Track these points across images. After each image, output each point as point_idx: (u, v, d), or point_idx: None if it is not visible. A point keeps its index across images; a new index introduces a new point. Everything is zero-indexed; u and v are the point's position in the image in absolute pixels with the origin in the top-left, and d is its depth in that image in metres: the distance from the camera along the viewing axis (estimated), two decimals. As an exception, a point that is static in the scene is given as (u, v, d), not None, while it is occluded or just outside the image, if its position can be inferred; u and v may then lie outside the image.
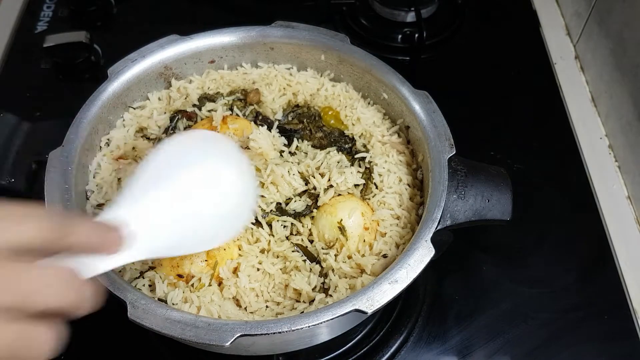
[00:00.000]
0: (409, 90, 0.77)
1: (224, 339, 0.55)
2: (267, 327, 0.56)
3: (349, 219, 0.69)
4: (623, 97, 0.97)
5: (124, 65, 0.79)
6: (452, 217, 0.68)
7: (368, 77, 0.81)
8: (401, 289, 0.59)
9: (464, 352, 0.79)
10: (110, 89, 0.77)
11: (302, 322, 0.57)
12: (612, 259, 0.87)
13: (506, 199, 0.71)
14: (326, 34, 0.83)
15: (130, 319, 0.57)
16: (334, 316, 0.57)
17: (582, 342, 0.79)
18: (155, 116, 0.80)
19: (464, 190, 0.70)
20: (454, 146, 0.71)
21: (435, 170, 0.69)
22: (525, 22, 1.20)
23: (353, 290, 0.66)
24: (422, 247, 0.62)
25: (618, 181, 0.97)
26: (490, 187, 0.71)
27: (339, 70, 0.84)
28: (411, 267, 0.61)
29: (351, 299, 0.58)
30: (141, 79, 0.80)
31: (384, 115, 0.82)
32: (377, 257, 0.69)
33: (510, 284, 0.84)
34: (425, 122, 0.74)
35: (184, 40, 0.82)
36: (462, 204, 0.69)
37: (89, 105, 0.74)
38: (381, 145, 0.79)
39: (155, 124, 0.79)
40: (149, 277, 0.66)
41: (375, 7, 1.16)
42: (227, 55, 0.85)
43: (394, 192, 0.73)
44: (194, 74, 0.85)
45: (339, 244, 0.69)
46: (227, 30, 0.84)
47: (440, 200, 0.66)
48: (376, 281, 0.60)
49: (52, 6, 1.18)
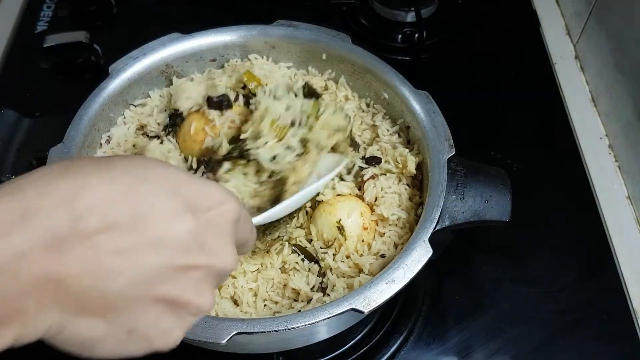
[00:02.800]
0: (409, 91, 0.77)
1: (220, 336, 0.55)
2: (264, 325, 0.56)
3: (348, 218, 0.69)
4: (623, 97, 0.97)
5: (126, 63, 0.79)
6: (451, 218, 0.68)
7: (369, 77, 0.81)
8: (398, 289, 0.59)
9: (464, 352, 0.79)
10: (111, 86, 0.77)
11: (298, 320, 0.57)
12: (612, 259, 0.87)
13: (505, 200, 0.71)
14: (328, 34, 0.83)
15: None
16: (331, 315, 0.57)
17: (582, 342, 0.79)
18: (156, 114, 0.80)
19: (463, 191, 0.70)
20: (454, 147, 0.71)
21: (435, 170, 0.69)
22: (525, 22, 1.20)
23: (351, 290, 0.66)
24: (419, 247, 0.62)
25: (618, 181, 0.97)
26: (490, 188, 0.71)
27: (339, 70, 0.84)
28: (408, 267, 0.61)
29: (348, 299, 0.58)
30: (142, 77, 0.80)
31: (384, 115, 0.82)
32: (376, 256, 0.69)
33: (510, 284, 0.84)
34: (425, 123, 0.74)
35: (185, 39, 0.82)
36: (461, 205, 0.69)
37: (89, 102, 0.75)
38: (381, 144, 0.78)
39: (155, 121, 0.79)
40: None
41: (375, 7, 1.16)
42: (229, 53, 0.85)
43: (393, 192, 0.73)
44: (195, 72, 0.85)
45: (337, 243, 0.69)
46: (229, 28, 0.84)
47: (439, 200, 0.66)
48: (373, 281, 0.60)
49: (52, 6, 1.18)
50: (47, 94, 1.05)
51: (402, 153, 0.75)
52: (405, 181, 0.75)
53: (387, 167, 0.75)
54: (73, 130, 0.71)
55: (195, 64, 0.85)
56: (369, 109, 0.84)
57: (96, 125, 0.75)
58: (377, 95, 0.82)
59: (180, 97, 0.76)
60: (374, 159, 0.76)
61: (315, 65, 0.86)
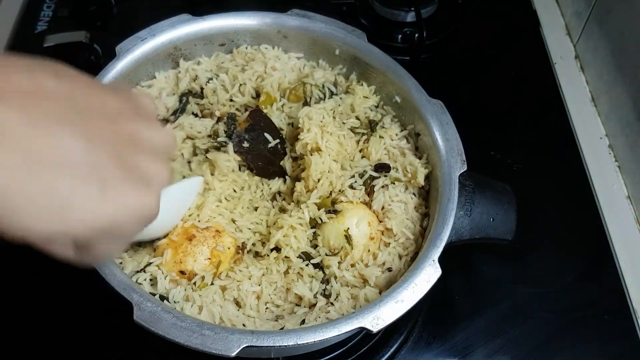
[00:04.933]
0: (423, 98, 0.75)
1: (230, 349, 0.55)
2: (274, 339, 0.56)
3: (356, 228, 0.69)
4: (623, 97, 0.97)
5: (133, 44, 0.77)
6: (457, 234, 0.68)
7: (382, 78, 0.80)
8: (407, 309, 0.59)
9: (464, 352, 0.79)
10: (118, 67, 0.75)
11: (308, 336, 0.57)
12: (612, 259, 0.87)
13: (511, 220, 0.71)
14: (344, 29, 0.81)
15: (136, 322, 0.57)
16: (340, 333, 0.57)
17: (582, 342, 0.79)
18: (164, 97, 0.79)
19: (470, 207, 0.70)
20: (466, 162, 0.70)
21: (446, 186, 0.68)
22: (525, 22, 1.20)
23: (355, 300, 0.66)
24: (429, 267, 0.62)
25: (618, 181, 0.97)
26: (496, 205, 0.71)
27: (351, 66, 0.83)
28: (417, 286, 0.61)
29: (357, 316, 0.58)
30: (149, 58, 0.79)
31: (392, 118, 0.81)
32: (381, 268, 0.69)
33: (510, 284, 0.84)
34: (438, 134, 0.73)
35: (196, 21, 0.81)
36: (468, 221, 0.69)
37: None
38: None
39: (165, 105, 0.78)
40: (150, 271, 0.65)
41: (375, 7, 1.15)
42: (239, 39, 0.84)
43: (399, 201, 0.72)
44: (202, 56, 0.83)
45: (343, 252, 0.69)
46: (242, 13, 0.82)
47: (449, 218, 0.65)
48: (382, 299, 0.60)
49: (52, 6, 1.18)
50: (47, 94, 1.05)
51: (413, 163, 0.73)
52: (412, 190, 0.74)
53: (395, 176, 0.74)
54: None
55: (203, 48, 0.83)
56: (377, 109, 0.82)
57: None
58: (389, 97, 0.81)
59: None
60: (384, 167, 0.74)
61: (327, 59, 0.84)
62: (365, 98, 0.81)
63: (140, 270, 0.66)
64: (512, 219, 0.71)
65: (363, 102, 0.79)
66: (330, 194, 0.72)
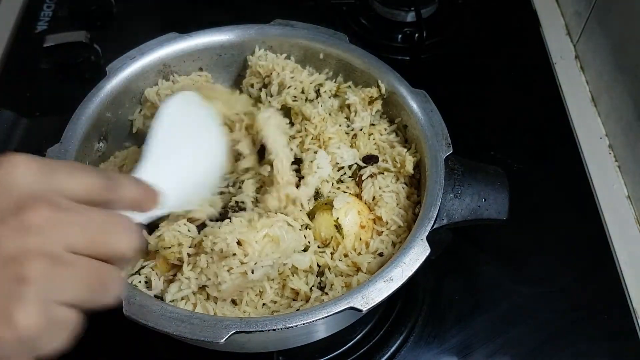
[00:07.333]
0: (406, 89, 0.77)
1: (218, 335, 0.55)
2: (262, 324, 0.56)
3: (345, 217, 0.69)
4: (623, 97, 0.97)
5: (123, 62, 0.79)
6: (449, 216, 0.68)
7: (366, 76, 0.81)
8: (396, 287, 0.59)
9: (464, 352, 0.78)
10: (109, 86, 0.77)
11: (297, 319, 0.57)
12: (612, 259, 0.87)
13: (503, 199, 0.71)
14: (325, 33, 0.83)
15: (126, 315, 0.57)
16: (329, 314, 0.57)
17: (582, 342, 0.79)
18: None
19: (460, 190, 0.70)
20: (451, 145, 0.71)
21: (432, 169, 0.70)
22: (525, 22, 1.20)
23: (349, 289, 0.66)
24: (417, 246, 0.62)
25: (618, 181, 0.97)
26: (487, 186, 0.71)
27: (337, 69, 0.84)
28: (406, 265, 0.61)
29: (346, 297, 0.58)
30: (140, 76, 0.80)
31: (381, 114, 0.82)
32: (374, 255, 0.69)
33: (510, 284, 0.84)
34: (423, 121, 0.74)
35: (183, 38, 0.83)
36: (459, 203, 0.69)
37: (87, 102, 0.75)
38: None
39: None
40: (145, 273, 0.66)
41: (375, 7, 1.16)
42: (226, 53, 0.86)
43: (391, 191, 0.73)
44: (192, 73, 0.85)
45: (335, 242, 0.69)
46: (226, 28, 0.84)
47: (437, 199, 0.66)
48: (371, 279, 0.60)
49: (52, 6, 1.18)
50: (47, 94, 1.05)
51: (400, 152, 0.75)
52: (403, 180, 0.76)
53: (385, 166, 0.75)
54: (71, 130, 0.71)
55: (192, 64, 0.85)
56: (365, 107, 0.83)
57: (94, 124, 0.75)
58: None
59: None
60: (372, 158, 0.76)
61: (314, 65, 0.85)
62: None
63: (135, 273, 0.66)
64: (505, 198, 0.71)
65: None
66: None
